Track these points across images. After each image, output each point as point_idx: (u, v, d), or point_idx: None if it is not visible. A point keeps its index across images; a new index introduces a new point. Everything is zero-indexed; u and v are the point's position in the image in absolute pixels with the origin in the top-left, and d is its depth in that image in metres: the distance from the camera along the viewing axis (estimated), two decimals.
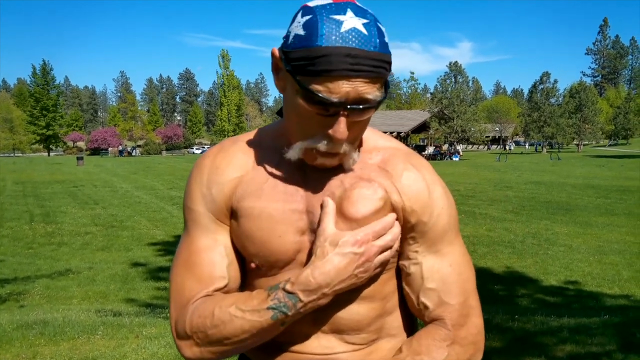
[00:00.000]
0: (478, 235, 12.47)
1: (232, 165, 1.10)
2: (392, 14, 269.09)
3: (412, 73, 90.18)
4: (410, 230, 1.06)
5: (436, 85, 58.33)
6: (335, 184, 1.06)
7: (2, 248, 12.30)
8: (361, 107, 0.93)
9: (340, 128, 0.94)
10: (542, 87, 64.31)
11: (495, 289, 8.30)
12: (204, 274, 1.06)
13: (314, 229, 1.04)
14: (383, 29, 0.96)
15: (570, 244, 11.50)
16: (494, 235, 12.46)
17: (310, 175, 1.07)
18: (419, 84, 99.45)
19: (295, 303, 0.97)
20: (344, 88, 0.91)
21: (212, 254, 1.07)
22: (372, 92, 0.93)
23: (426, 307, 1.06)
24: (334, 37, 0.90)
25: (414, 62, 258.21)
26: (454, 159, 50.56)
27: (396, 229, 1.03)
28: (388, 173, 1.06)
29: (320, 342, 1.06)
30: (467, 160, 47.87)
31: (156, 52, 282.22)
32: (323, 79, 0.91)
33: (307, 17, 0.93)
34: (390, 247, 1.02)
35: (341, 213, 1.02)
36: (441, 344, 1.03)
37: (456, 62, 57.24)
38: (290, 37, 0.95)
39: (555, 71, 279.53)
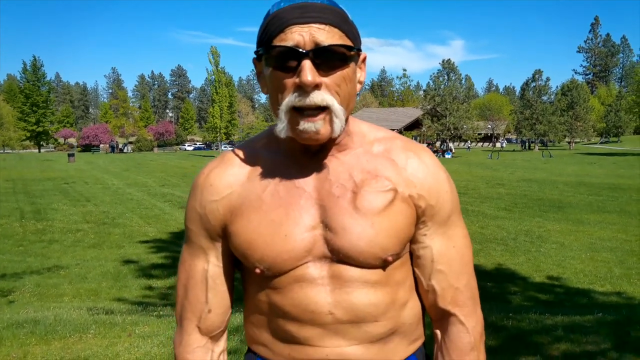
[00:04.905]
0: (471, 232, 12.29)
1: (225, 181, 1.13)
2: (384, 12, 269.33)
3: (405, 70, 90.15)
4: (421, 215, 1.11)
5: (429, 82, 58.33)
6: (344, 177, 1.09)
7: None
8: (322, 46, 0.97)
9: (305, 72, 0.97)
10: (534, 84, 64.44)
11: (488, 286, 8.31)
12: (194, 301, 1.18)
13: (326, 222, 1.07)
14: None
15: (562, 241, 11.55)
16: (487, 233, 12.50)
17: (316, 169, 1.10)
18: (412, 80, 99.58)
19: None
20: (297, 35, 0.98)
21: (202, 281, 1.17)
22: (328, 37, 0.99)
23: (434, 290, 1.14)
24: (282, 3, 1.01)
25: (406, 60, 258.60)
26: (447, 156, 50.64)
27: None
28: (393, 162, 1.11)
29: (337, 335, 1.08)
30: (459, 158, 48.01)
31: (148, 48, 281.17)
32: (279, 35, 0.99)
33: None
34: None
35: (357, 208, 1.06)
36: (470, 353, 1.14)
37: (449, 59, 57.16)
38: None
39: (547, 69, 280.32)
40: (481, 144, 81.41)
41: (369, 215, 1.06)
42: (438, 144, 56.07)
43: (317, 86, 0.98)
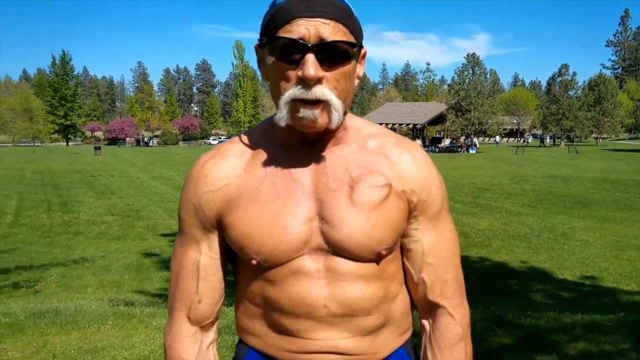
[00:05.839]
0: (493, 229, 12.37)
1: (221, 172, 1.14)
2: (408, 5, 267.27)
3: (428, 64, 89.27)
4: (413, 209, 1.14)
5: (453, 76, 57.72)
6: (340, 171, 1.11)
7: (20, 236, 12.50)
8: (326, 41, 0.99)
9: (308, 66, 0.98)
10: (560, 79, 63.40)
11: (510, 283, 8.23)
12: (185, 291, 1.19)
13: (322, 215, 1.09)
14: None
15: (586, 238, 11.36)
16: (510, 229, 12.36)
17: (313, 162, 1.11)
18: (435, 74, 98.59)
19: None
20: (303, 28, 0.99)
21: (193, 272, 1.17)
22: (333, 33, 1.01)
23: (424, 282, 1.17)
24: None
25: (430, 53, 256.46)
26: (471, 151, 50.13)
27: None
28: (387, 158, 1.14)
29: (330, 328, 1.11)
30: (484, 153, 47.50)
31: (173, 43, 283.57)
32: (284, 26, 1.01)
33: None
34: None
35: (353, 202, 1.08)
36: (458, 343, 1.17)
37: (474, 53, 56.46)
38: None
39: (574, 63, 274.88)
40: (507, 139, 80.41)
41: (365, 209, 1.08)
42: (462, 138, 55.43)
43: (318, 80, 1.00)
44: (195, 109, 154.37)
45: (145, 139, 78.47)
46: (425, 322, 1.22)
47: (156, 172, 28.56)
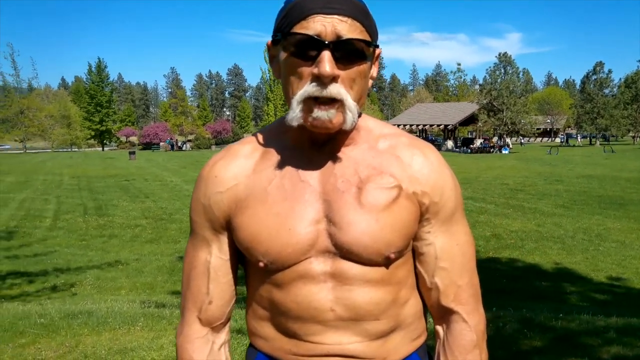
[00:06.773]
0: (527, 230, 12.16)
1: (230, 173, 1.13)
2: (438, 5, 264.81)
3: (459, 64, 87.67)
4: (425, 212, 1.11)
5: (485, 76, 56.84)
6: (349, 172, 1.09)
7: (58, 239, 12.81)
8: (343, 39, 0.97)
9: (324, 63, 0.97)
10: (595, 77, 61.97)
11: (543, 285, 8.09)
12: (195, 292, 1.18)
13: (330, 217, 1.07)
14: None
15: (623, 240, 11.07)
16: (543, 231, 12.13)
17: (322, 163, 1.10)
18: (466, 75, 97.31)
19: None
20: (319, 25, 0.98)
21: (204, 272, 1.17)
22: (350, 31, 0.99)
23: (437, 287, 1.14)
24: None
25: (460, 53, 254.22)
26: (504, 151, 49.29)
27: None
28: (399, 158, 1.11)
29: (338, 332, 1.09)
30: (517, 154, 46.70)
31: (205, 48, 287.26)
32: (300, 22, 0.99)
33: None
34: None
35: (362, 203, 1.06)
36: (472, 351, 1.12)
37: (505, 52, 55.46)
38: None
39: (609, 61, 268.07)
40: (540, 139, 78.87)
41: (373, 211, 1.06)
42: (495, 139, 54.54)
43: (334, 78, 0.99)
44: (228, 113, 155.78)
45: (179, 144, 79.49)
46: (439, 328, 1.19)
47: (189, 175, 28.87)
